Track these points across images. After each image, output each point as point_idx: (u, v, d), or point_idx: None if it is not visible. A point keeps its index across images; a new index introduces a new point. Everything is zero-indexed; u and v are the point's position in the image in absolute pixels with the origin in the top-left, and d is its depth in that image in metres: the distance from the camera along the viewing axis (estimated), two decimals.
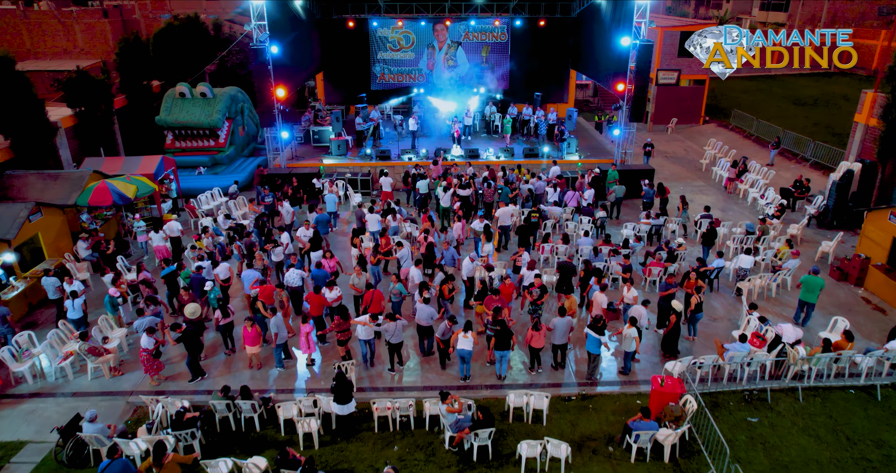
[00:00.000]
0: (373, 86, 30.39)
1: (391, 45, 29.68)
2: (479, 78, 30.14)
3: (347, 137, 25.49)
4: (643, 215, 19.26)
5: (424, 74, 30.23)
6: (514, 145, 25.24)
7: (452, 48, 29.82)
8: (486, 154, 23.88)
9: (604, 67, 24.30)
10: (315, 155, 24.47)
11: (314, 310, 13.65)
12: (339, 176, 22.74)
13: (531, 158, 23.69)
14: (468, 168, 21.98)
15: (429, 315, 13.11)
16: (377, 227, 18.00)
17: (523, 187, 20.51)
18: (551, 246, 17.25)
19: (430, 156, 23.70)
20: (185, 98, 25.13)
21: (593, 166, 23.59)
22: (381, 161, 23.46)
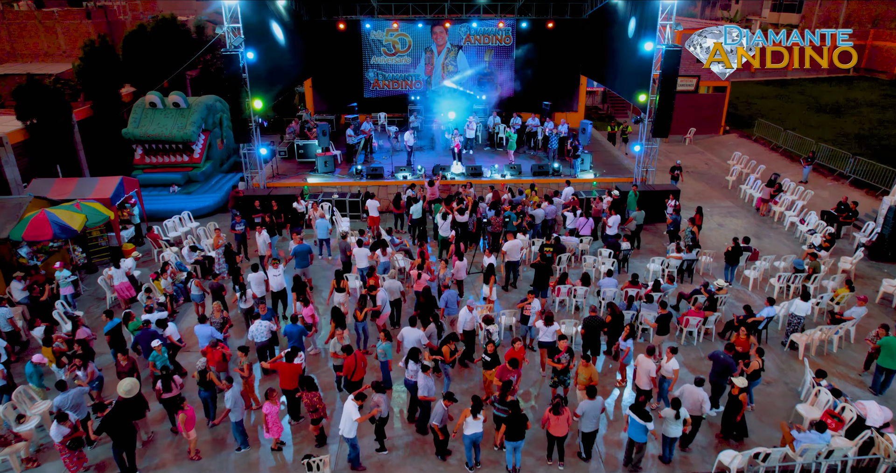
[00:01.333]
0: (366, 93, 27.68)
1: (385, 50, 26.96)
2: (482, 85, 27.42)
3: (336, 151, 22.77)
4: (672, 247, 16.54)
5: (422, 80, 27.51)
6: (520, 161, 22.54)
7: (452, 52, 27.10)
8: (490, 172, 21.14)
9: (621, 75, 21.59)
10: (300, 173, 21.75)
11: (285, 382, 10.92)
12: (325, 197, 20.03)
13: (540, 175, 20.96)
14: (470, 189, 19.27)
15: (427, 388, 10.42)
16: (366, 263, 15.29)
17: (536, 214, 17.78)
18: (569, 288, 14.54)
19: (428, 174, 21.00)
20: (156, 108, 22.43)
21: (610, 186, 20.88)
22: (373, 180, 20.74)
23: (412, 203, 18.05)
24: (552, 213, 17.95)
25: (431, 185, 19.31)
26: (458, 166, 21.17)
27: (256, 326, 12.30)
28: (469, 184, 19.60)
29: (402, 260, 16.32)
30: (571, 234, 17.22)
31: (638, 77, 19.80)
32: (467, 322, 12.46)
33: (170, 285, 14.77)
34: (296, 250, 15.65)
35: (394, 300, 14.06)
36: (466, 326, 12.51)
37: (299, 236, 15.85)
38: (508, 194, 19.05)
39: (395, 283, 13.96)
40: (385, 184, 20.70)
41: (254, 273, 14.05)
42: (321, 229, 16.94)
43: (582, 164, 21.13)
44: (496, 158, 23.12)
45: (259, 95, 19.14)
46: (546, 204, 18.27)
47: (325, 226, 17.06)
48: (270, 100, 20.57)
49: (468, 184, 19.61)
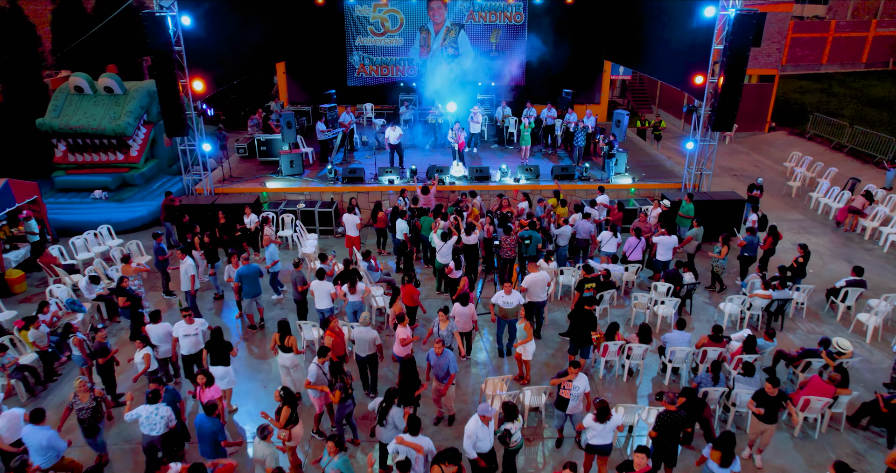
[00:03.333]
0: (350, 81, 23.00)
1: (373, 29, 22.29)
2: (488, 71, 22.75)
3: (306, 149, 18.11)
4: (756, 281, 11.87)
5: (416, 65, 22.83)
6: (536, 161, 17.88)
7: (452, 32, 22.43)
8: (499, 175, 16.45)
9: (665, 54, 16.90)
10: (259, 175, 17.06)
11: None
12: (287, 208, 15.36)
13: (564, 180, 16.29)
14: (474, 199, 14.63)
15: None
16: (326, 304, 10.65)
17: (562, 232, 13.12)
18: (620, 345, 9.89)
19: (422, 177, 16.34)
20: (84, 95, 17.74)
21: (653, 194, 16.21)
22: (350, 185, 16.07)
23: (396, 217, 13.39)
24: (585, 231, 13.28)
25: (426, 192, 14.64)
26: (459, 168, 16.49)
27: (146, 413, 7.69)
28: (472, 192, 14.93)
29: (382, 297, 11.67)
30: (615, 261, 12.53)
31: (691, 54, 15.15)
32: (483, 436, 7.54)
33: (44, 338, 10.11)
34: (241, 273, 11.03)
35: (366, 357, 9.46)
36: (485, 443, 7.60)
37: (243, 259, 11.26)
38: (526, 204, 14.38)
39: (368, 333, 9.34)
40: (367, 190, 16.03)
41: (154, 325, 9.38)
42: (270, 255, 12.26)
43: (616, 165, 16.45)
44: (506, 158, 18.44)
45: (201, 74, 14.46)
46: (576, 218, 13.62)
47: (275, 253, 12.38)
48: (218, 83, 15.88)
49: (470, 192, 14.95)
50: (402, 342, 9.10)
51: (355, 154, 18.93)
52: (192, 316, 9.18)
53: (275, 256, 12.25)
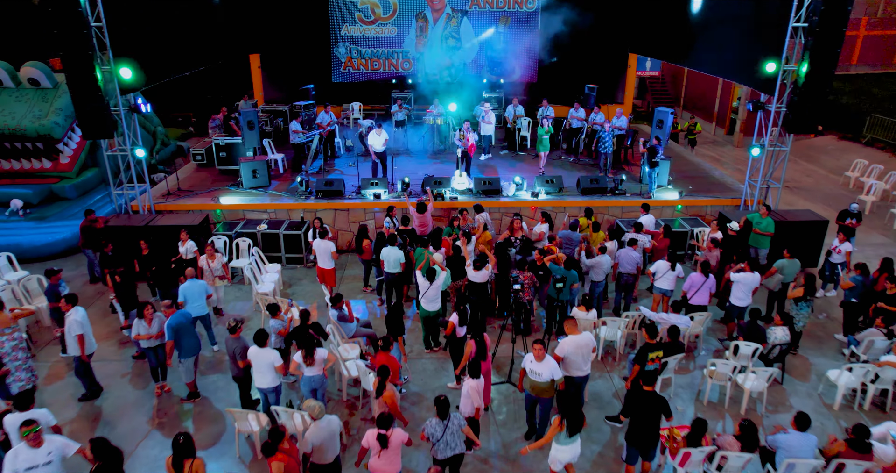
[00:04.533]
0: (335, 76, 19.69)
1: (362, 16, 19.00)
2: (495, 65, 19.47)
3: (275, 155, 14.77)
4: (878, 339, 8.47)
5: (411, 58, 19.53)
6: (556, 171, 14.53)
7: (454, 20, 19.15)
8: (513, 188, 13.07)
9: (715, 40, 13.55)
10: (215, 187, 13.66)
11: None
12: (245, 229, 11.99)
13: (593, 194, 12.94)
14: (479, 216, 11.31)
15: None
16: (270, 381, 7.30)
17: (597, 264, 9.75)
18: (709, 451, 6.49)
19: (416, 190, 13.00)
20: (2, 88, 14.42)
21: (704, 211, 12.86)
22: (326, 201, 12.69)
23: (384, 244, 10.02)
24: (630, 262, 9.92)
25: (422, 210, 11.27)
26: (462, 179, 13.11)
27: None
28: (476, 206, 11.55)
29: (356, 364, 8.30)
30: (676, 308, 9.13)
31: (757, 37, 11.84)
32: None
33: None
34: (171, 325, 7.73)
35: (329, 465, 6.15)
36: None
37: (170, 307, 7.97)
38: (546, 227, 11.02)
39: (331, 423, 6.05)
40: (346, 207, 12.66)
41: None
42: (194, 297, 8.90)
43: (658, 176, 13.08)
44: (519, 167, 15.08)
45: (131, 60, 11.12)
46: (613, 246, 10.30)
47: (201, 292, 9.00)
48: (160, 73, 12.53)
49: (474, 207, 11.57)
50: (376, 459, 5.74)
51: (336, 162, 15.57)
52: (39, 436, 5.66)
53: (200, 292, 8.93)
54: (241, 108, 17.27)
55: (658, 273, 9.65)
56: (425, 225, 11.39)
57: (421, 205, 11.35)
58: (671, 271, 9.60)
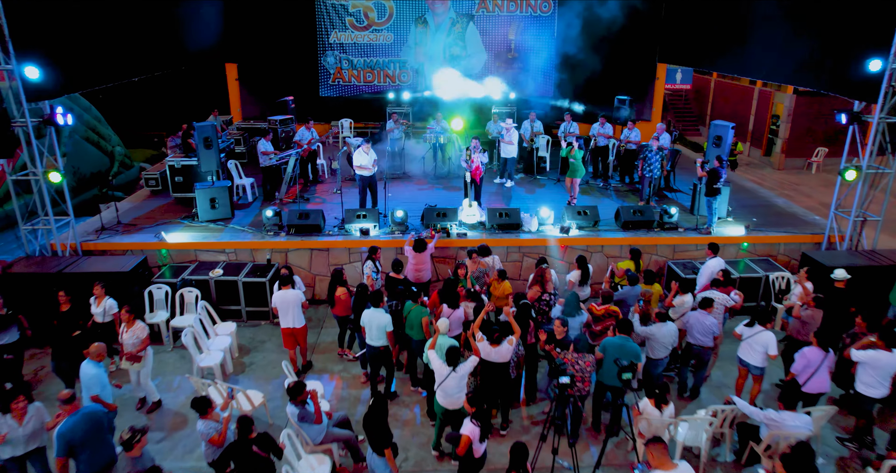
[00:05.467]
0: (323, 90, 17.17)
1: (353, 21, 16.55)
2: (505, 76, 16.94)
3: (243, 180, 12.11)
4: None
5: (410, 69, 17.03)
6: (587, 200, 11.85)
7: (459, 26, 16.68)
8: (536, 223, 10.30)
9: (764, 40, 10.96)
10: (163, 222, 10.90)
11: None
12: (195, 276, 9.25)
13: (637, 230, 10.22)
14: (486, 259, 8.62)
15: None
16: None
17: (657, 335, 6.97)
18: None
19: (415, 227, 10.30)
20: None
21: (776, 251, 10.14)
22: (301, 238, 9.95)
23: (364, 304, 7.29)
24: (706, 330, 7.17)
25: (420, 249, 8.60)
26: (472, 210, 10.38)
27: None
28: (482, 248, 8.81)
29: None
30: (787, 400, 6.32)
31: (852, 29, 9.26)
32: None
33: None
34: (63, 433, 5.11)
35: None
36: None
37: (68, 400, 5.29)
38: (577, 275, 8.30)
39: None
40: (325, 246, 9.92)
41: None
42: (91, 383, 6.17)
43: (717, 208, 10.33)
44: (539, 195, 12.39)
45: (42, 57, 8.52)
46: (685, 304, 7.59)
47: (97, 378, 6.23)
48: (90, 77, 9.92)
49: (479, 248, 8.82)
50: None
51: (317, 188, 12.89)
52: None
53: (101, 382, 6.18)
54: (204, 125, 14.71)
55: (751, 354, 6.96)
56: (421, 268, 8.71)
57: (420, 242, 8.65)
58: (755, 332, 6.88)
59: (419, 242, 8.71)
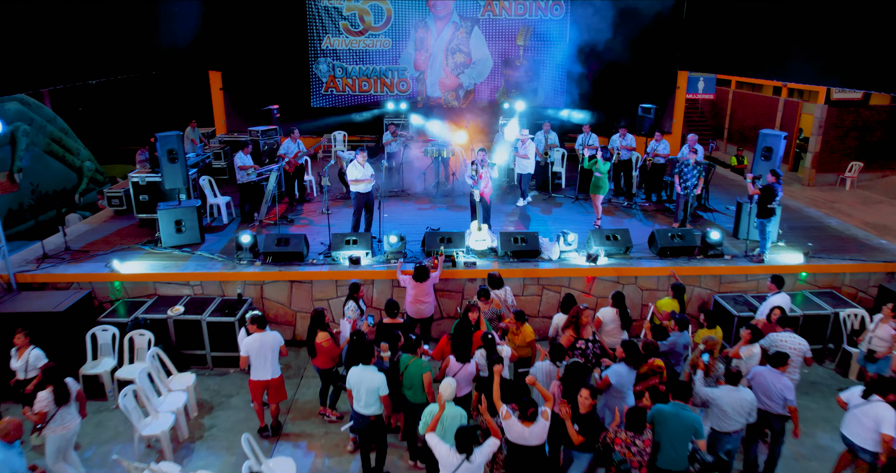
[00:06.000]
0: (315, 100, 15.74)
1: (348, 25, 15.16)
2: (513, 84, 15.56)
3: (218, 199, 10.57)
4: None
5: (410, 77, 15.62)
6: (611, 221, 10.32)
7: (462, 31, 15.29)
8: (556, 249, 8.73)
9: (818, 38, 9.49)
10: (121, 247, 9.33)
11: None
12: (151, 314, 7.68)
13: (675, 257, 8.65)
14: (498, 292, 7.07)
15: None
16: None
17: (721, 399, 5.37)
18: None
19: (414, 253, 8.73)
20: None
21: (840, 282, 8.57)
22: (279, 268, 8.37)
23: (353, 359, 5.72)
24: (778, 395, 5.59)
25: (421, 278, 7.11)
26: (482, 234, 8.81)
27: None
28: (493, 277, 7.27)
29: None
30: None
31: None
32: None
33: None
34: None
35: None
36: None
37: None
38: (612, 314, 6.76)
39: None
40: (308, 278, 8.34)
41: None
42: None
43: (770, 231, 8.77)
44: (557, 215, 10.84)
45: None
46: (751, 357, 6.02)
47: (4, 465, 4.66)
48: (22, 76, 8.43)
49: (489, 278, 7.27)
50: None
51: (305, 208, 11.35)
52: None
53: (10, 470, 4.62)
54: (188, 137, 13.24)
55: (853, 404, 5.38)
56: (423, 301, 7.20)
57: (421, 270, 7.14)
58: (867, 403, 5.30)
59: (420, 269, 7.18)
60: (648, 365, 5.92)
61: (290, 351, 8.30)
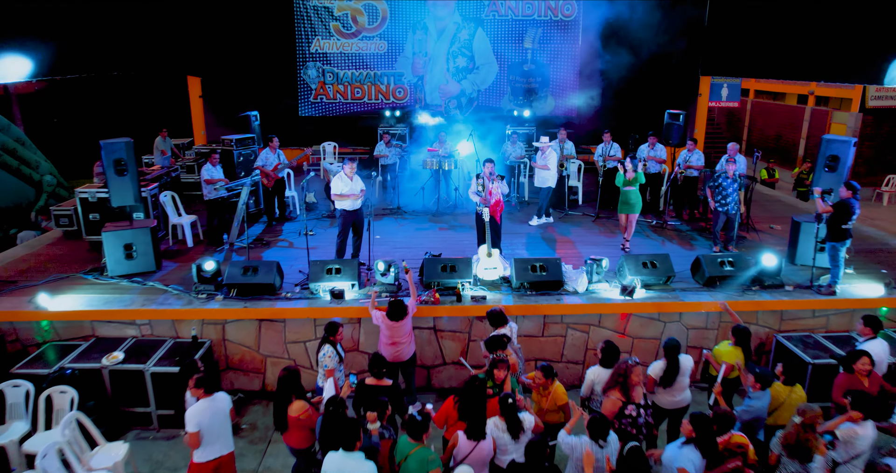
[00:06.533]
0: (303, 108, 14.33)
1: (339, 26, 13.79)
2: (520, 92, 14.16)
3: (181, 219, 9.04)
4: None
5: (408, 84, 14.20)
6: (640, 244, 8.81)
7: (465, 33, 13.91)
8: (585, 281, 7.21)
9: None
10: (58, 275, 7.79)
11: None
12: (75, 364, 6.12)
13: (725, 288, 7.11)
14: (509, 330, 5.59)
15: None
16: None
17: None
18: None
19: (405, 281, 7.19)
20: None
21: None
22: (245, 304, 6.82)
23: (330, 440, 4.17)
24: None
25: (397, 317, 5.68)
26: (492, 260, 7.26)
27: None
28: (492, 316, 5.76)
29: None
30: None
31: None
32: None
33: None
34: None
35: None
36: None
37: None
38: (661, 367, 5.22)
39: None
40: (280, 316, 6.78)
41: None
42: None
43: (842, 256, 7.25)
44: (578, 236, 9.31)
45: None
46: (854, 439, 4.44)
47: None
48: None
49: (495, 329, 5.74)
50: None
51: (285, 228, 9.83)
52: None
53: None
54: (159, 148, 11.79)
55: None
56: (400, 343, 5.74)
57: (397, 306, 5.64)
58: None
59: (396, 305, 5.68)
60: (724, 443, 4.38)
61: (258, 407, 6.75)
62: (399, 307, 5.70)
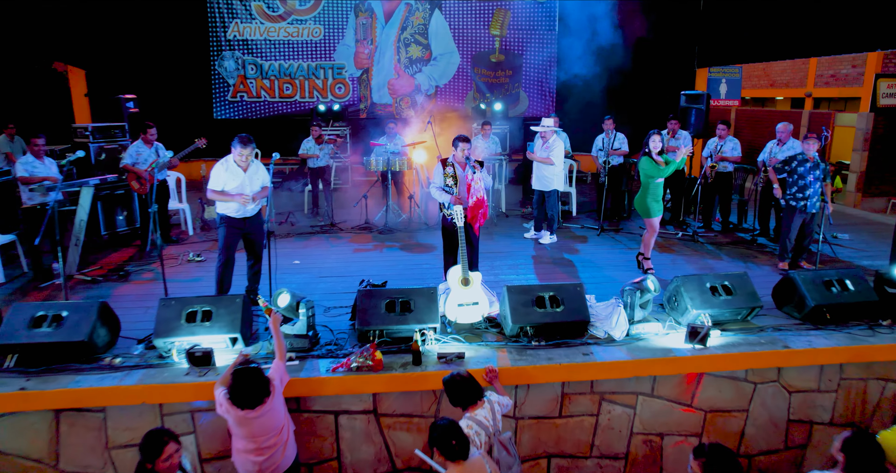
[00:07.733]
0: (218, 109, 11.43)
1: (262, 7, 11.07)
2: (487, 85, 11.66)
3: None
4: None
5: (349, 78, 11.51)
6: (671, 261, 6.17)
7: (419, 16, 11.38)
8: (624, 321, 4.45)
9: None
10: None
11: None
12: None
13: (839, 325, 4.48)
14: (491, 417, 2.80)
15: None
16: None
17: None
18: None
19: (336, 339, 4.28)
20: None
21: None
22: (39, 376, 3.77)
23: None
24: None
25: (249, 404, 2.83)
26: (467, 292, 4.46)
27: None
28: (457, 387, 2.93)
29: None
30: None
31: None
32: None
33: None
34: None
35: None
36: None
37: None
38: None
39: None
40: (97, 401, 3.78)
41: None
42: None
43: None
44: (587, 255, 6.62)
45: None
46: None
47: None
48: None
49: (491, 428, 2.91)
50: None
51: (168, 254, 6.82)
52: None
53: None
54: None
55: None
56: (266, 448, 3.03)
57: (247, 380, 2.98)
58: None
59: (245, 377, 3.01)
60: None
61: None
62: (251, 381, 2.88)
